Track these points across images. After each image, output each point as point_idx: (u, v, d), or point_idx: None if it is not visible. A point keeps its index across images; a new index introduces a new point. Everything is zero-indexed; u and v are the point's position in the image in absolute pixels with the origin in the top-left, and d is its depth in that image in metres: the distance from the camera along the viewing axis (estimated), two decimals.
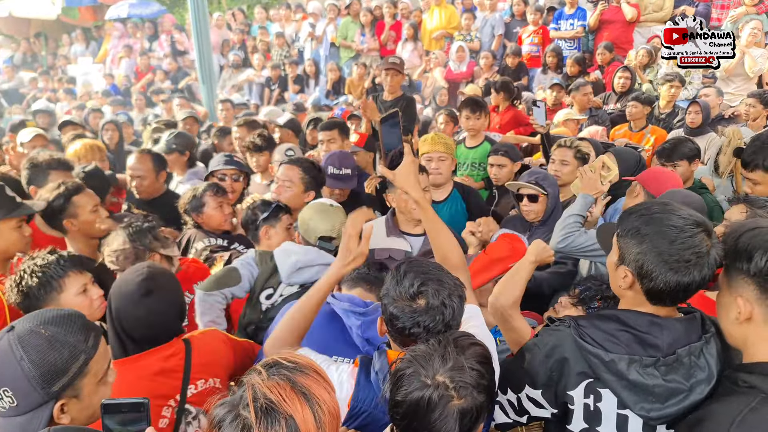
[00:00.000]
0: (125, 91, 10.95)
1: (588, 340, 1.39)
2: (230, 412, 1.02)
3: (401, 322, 1.42)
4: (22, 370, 1.18)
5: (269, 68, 9.83)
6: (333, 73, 9.37)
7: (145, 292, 1.73)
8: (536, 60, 7.93)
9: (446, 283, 1.46)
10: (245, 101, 9.03)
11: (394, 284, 1.46)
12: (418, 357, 1.29)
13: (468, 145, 4.37)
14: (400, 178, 1.67)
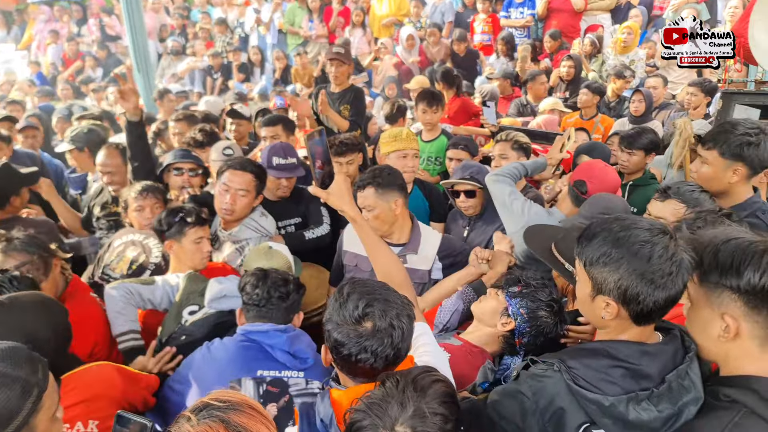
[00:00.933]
0: (52, 80, 10.18)
1: (584, 385, 1.28)
2: None
3: (347, 349, 1.32)
4: None
5: (209, 56, 9.35)
6: (280, 61, 9.02)
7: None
8: (488, 48, 7.88)
9: (393, 302, 1.37)
10: (185, 90, 8.55)
11: (337, 307, 1.37)
12: (373, 405, 1.17)
13: (425, 139, 4.23)
14: (333, 197, 1.69)
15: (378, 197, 2.47)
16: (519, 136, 3.39)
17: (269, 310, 1.97)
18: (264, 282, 1.98)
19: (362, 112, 4.72)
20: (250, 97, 8.59)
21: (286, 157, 3.10)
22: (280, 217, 3.15)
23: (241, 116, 4.45)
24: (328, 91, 4.70)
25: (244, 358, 1.88)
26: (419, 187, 3.35)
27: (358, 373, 1.36)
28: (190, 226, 2.49)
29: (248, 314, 2.00)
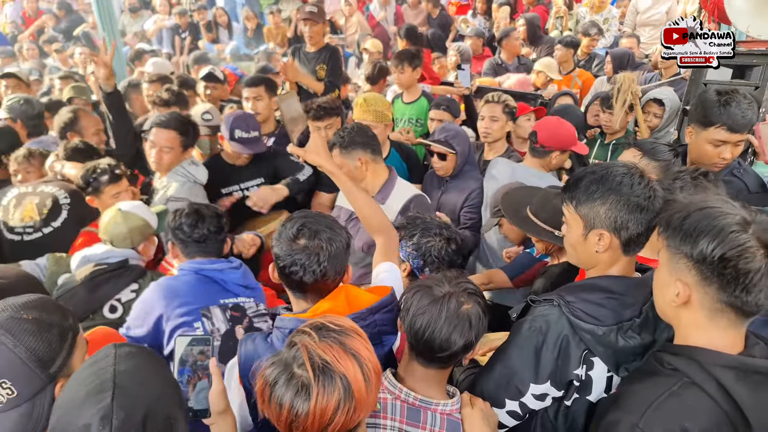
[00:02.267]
0: (12, 40, 9.69)
1: (580, 316, 1.42)
2: (284, 372, 1.12)
3: (282, 261, 1.54)
4: (18, 357, 1.15)
5: (176, 15, 9.00)
6: (251, 21, 8.75)
7: None
8: (465, 8, 7.78)
9: (327, 229, 1.57)
10: (154, 50, 8.25)
11: (281, 229, 1.59)
12: (417, 287, 1.48)
13: (405, 101, 4.20)
14: (310, 154, 1.81)
15: (343, 156, 2.60)
16: (509, 99, 3.40)
17: (208, 245, 2.18)
18: (202, 221, 2.17)
19: (339, 72, 4.66)
20: (222, 57, 8.36)
21: (248, 130, 3.08)
22: (242, 180, 3.21)
23: (216, 80, 4.35)
24: (304, 51, 4.62)
25: (205, 290, 2.10)
26: (396, 149, 3.37)
27: (293, 285, 1.58)
28: (105, 184, 2.71)
29: (187, 250, 2.18)
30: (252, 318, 2.18)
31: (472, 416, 1.44)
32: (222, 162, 3.24)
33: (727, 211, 1.18)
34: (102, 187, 2.70)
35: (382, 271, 1.77)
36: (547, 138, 2.84)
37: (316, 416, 1.08)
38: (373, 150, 2.63)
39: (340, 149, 2.59)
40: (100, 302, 2.24)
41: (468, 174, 3.05)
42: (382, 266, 1.78)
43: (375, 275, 1.78)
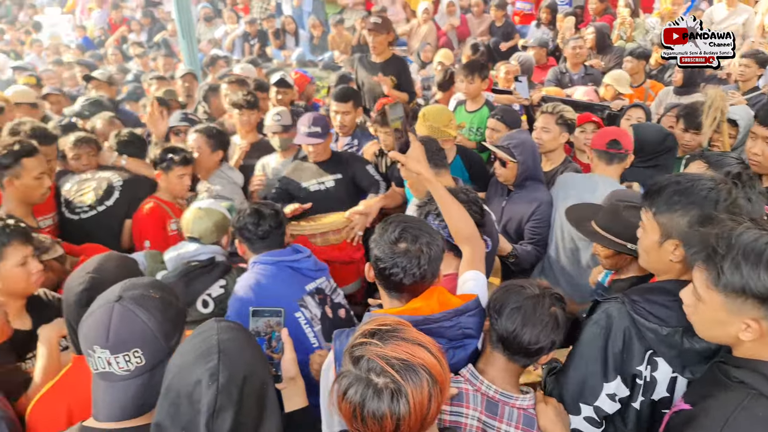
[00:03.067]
0: (99, 45, 10.44)
1: (643, 314, 1.46)
2: (366, 386, 1.10)
3: (383, 263, 1.61)
4: (150, 329, 1.28)
5: (246, 23, 9.43)
6: (316, 29, 9.05)
7: (85, 304, 1.55)
8: (529, 17, 7.76)
9: (425, 233, 1.64)
10: (227, 56, 8.68)
11: (380, 232, 1.66)
12: (510, 286, 1.57)
13: (468, 109, 4.27)
14: (412, 161, 1.86)
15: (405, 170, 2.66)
16: (566, 110, 3.35)
17: (272, 240, 2.37)
18: (263, 219, 2.35)
19: (412, 82, 4.82)
20: (288, 63, 8.70)
21: (309, 126, 3.35)
22: (318, 176, 3.44)
23: (287, 85, 4.57)
24: (368, 59, 4.76)
25: (289, 281, 2.30)
26: (461, 156, 3.43)
27: (390, 286, 1.64)
28: (176, 164, 3.08)
29: (254, 246, 2.38)
30: (330, 296, 2.41)
31: (546, 412, 1.51)
32: (306, 160, 3.54)
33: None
34: (173, 166, 3.08)
35: (468, 279, 1.81)
36: (629, 142, 2.84)
37: (417, 412, 1.09)
38: (435, 164, 2.68)
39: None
40: (193, 296, 2.41)
41: (534, 186, 3.00)
42: (468, 274, 1.83)
43: (461, 283, 1.82)
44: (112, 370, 1.26)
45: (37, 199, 2.76)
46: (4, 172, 2.60)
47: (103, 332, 1.25)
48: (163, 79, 5.76)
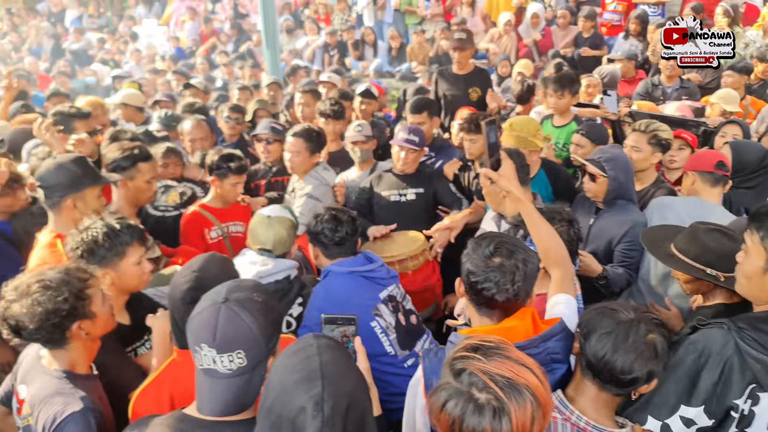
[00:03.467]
0: (191, 55, 11.08)
1: (752, 344, 1.36)
2: (467, 401, 1.09)
3: (475, 276, 1.56)
4: (253, 332, 1.32)
5: (327, 34, 9.68)
6: (395, 40, 9.16)
7: (190, 301, 1.64)
8: (616, 29, 7.45)
9: (521, 249, 1.59)
10: (307, 66, 8.96)
11: (474, 246, 1.62)
12: (602, 309, 1.49)
13: (555, 124, 4.14)
14: (503, 180, 1.81)
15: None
16: (661, 129, 3.16)
17: (347, 247, 2.40)
18: (341, 225, 2.37)
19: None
20: (365, 74, 8.85)
21: (409, 134, 3.42)
22: (399, 187, 3.49)
23: (371, 95, 4.66)
24: (450, 72, 4.75)
25: (362, 289, 2.31)
26: (546, 170, 3.32)
27: (481, 302, 1.59)
28: (231, 172, 3.18)
29: (328, 252, 2.41)
30: (401, 303, 2.41)
31: None
32: (391, 172, 3.59)
33: None
34: (229, 174, 3.17)
35: (559, 302, 1.75)
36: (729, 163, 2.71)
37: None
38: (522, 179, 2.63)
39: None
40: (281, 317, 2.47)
41: (626, 207, 2.85)
42: (558, 297, 1.77)
43: (551, 306, 1.77)
44: (216, 368, 1.31)
45: (144, 201, 2.96)
46: (122, 173, 2.77)
47: (210, 332, 1.30)
48: (246, 88, 6.00)
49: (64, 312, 1.66)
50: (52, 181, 2.43)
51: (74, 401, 1.63)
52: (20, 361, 1.87)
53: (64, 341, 1.72)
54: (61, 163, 2.49)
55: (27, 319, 1.64)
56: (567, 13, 7.62)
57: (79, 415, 1.60)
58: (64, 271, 1.74)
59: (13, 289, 1.69)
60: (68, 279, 1.71)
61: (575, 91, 4.03)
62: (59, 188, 2.43)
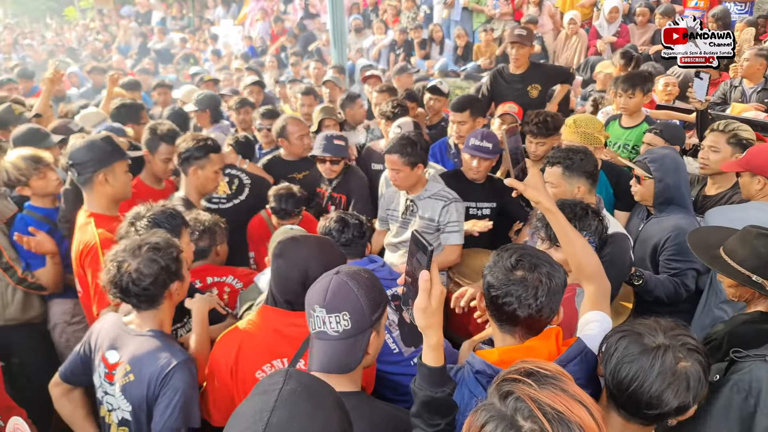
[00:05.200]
0: (261, 54, 11.50)
1: None
2: (509, 427, 1.01)
3: (495, 290, 1.50)
4: (358, 300, 1.50)
5: (397, 32, 9.74)
6: (461, 39, 9.08)
7: (278, 253, 1.91)
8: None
9: (545, 263, 1.51)
10: (372, 65, 9.06)
11: (495, 259, 1.56)
12: (626, 331, 1.36)
13: (623, 124, 3.97)
14: (531, 190, 1.71)
15: (564, 178, 2.56)
16: (741, 128, 2.97)
17: (354, 249, 2.47)
18: (348, 227, 2.46)
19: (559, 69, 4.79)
20: (430, 73, 8.83)
21: (482, 140, 3.25)
22: (475, 199, 3.30)
23: (440, 93, 4.64)
24: (506, 72, 4.66)
25: None
26: (606, 173, 3.21)
27: (502, 318, 1.52)
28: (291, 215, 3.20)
29: None
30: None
31: None
32: (463, 178, 3.37)
33: None
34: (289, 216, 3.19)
35: (592, 320, 1.65)
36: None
37: None
38: (593, 182, 2.59)
39: (564, 170, 2.56)
40: None
41: (675, 211, 2.71)
42: (591, 315, 1.67)
43: (583, 324, 1.68)
44: (326, 330, 1.49)
45: (210, 190, 3.12)
46: (194, 162, 2.95)
47: (322, 295, 1.50)
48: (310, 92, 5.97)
49: (172, 269, 1.91)
50: (84, 158, 2.59)
51: (176, 353, 1.86)
52: (95, 333, 2.04)
53: (160, 300, 1.93)
54: (90, 140, 2.66)
55: (144, 274, 1.84)
56: (646, 10, 7.25)
57: (183, 364, 1.84)
58: (164, 236, 1.96)
59: (122, 251, 1.88)
60: (171, 242, 1.95)
61: (647, 90, 3.84)
62: (90, 164, 2.59)
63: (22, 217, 2.95)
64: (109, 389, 1.94)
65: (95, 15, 18.67)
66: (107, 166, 2.62)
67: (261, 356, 1.87)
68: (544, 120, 3.38)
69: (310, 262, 1.86)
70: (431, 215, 3.00)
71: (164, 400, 1.81)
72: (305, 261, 1.87)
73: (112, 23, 17.05)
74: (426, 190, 3.07)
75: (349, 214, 2.55)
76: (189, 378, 1.84)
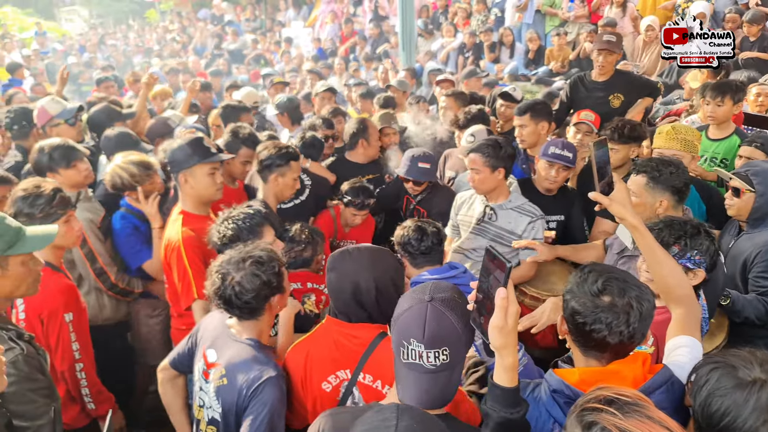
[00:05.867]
0: (331, 54, 11.68)
1: None
2: None
3: (582, 317, 1.43)
4: (458, 332, 1.39)
5: (466, 35, 9.64)
6: (533, 42, 8.87)
7: (330, 267, 1.91)
8: None
9: (633, 285, 1.44)
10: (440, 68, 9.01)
11: (578, 281, 1.49)
12: (718, 363, 1.29)
13: (711, 136, 3.74)
14: (616, 206, 1.62)
15: (646, 189, 2.45)
16: None
17: (433, 257, 2.47)
18: (426, 235, 2.45)
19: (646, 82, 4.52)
20: (499, 77, 8.68)
21: (563, 149, 3.15)
22: (544, 210, 3.18)
23: (512, 99, 4.55)
24: (588, 79, 4.48)
25: None
26: (697, 188, 3.03)
27: (590, 344, 1.45)
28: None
29: (416, 261, 2.49)
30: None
31: None
32: (533, 189, 3.27)
33: None
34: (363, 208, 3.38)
35: (680, 345, 1.58)
36: None
37: None
38: (680, 199, 2.45)
39: (648, 181, 2.44)
40: None
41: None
42: (680, 340, 1.59)
43: (671, 348, 1.61)
44: (422, 363, 1.37)
45: (288, 196, 3.17)
46: (275, 170, 2.99)
47: (420, 329, 1.37)
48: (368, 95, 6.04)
49: (273, 284, 1.92)
50: (170, 159, 2.73)
51: (270, 368, 1.87)
52: (203, 328, 2.12)
53: (261, 312, 1.96)
54: (178, 143, 2.77)
55: (247, 288, 1.87)
56: (737, 16, 6.78)
57: (274, 380, 1.84)
58: (267, 249, 1.98)
59: (227, 262, 1.92)
60: (273, 256, 1.96)
61: (738, 99, 3.59)
62: (175, 165, 2.71)
63: (124, 215, 3.10)
64: (204, 386, 1.99)
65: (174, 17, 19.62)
66: (186, 168, 2.70)
67: (326, 367, 1.87)
68: (622, 126, 3.26)
69: (360, 275, 1.83)
70: (513, 228, 2.92)
71: (252, 413, 1.82)
72: (355, 274, 1.84)
73: (190, 25, 17.86)
74: (510, 201, 2.99)
75: (425, 221, 2.53)
76: (278, 393, 1.83)
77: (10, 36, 16.40)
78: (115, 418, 2.46)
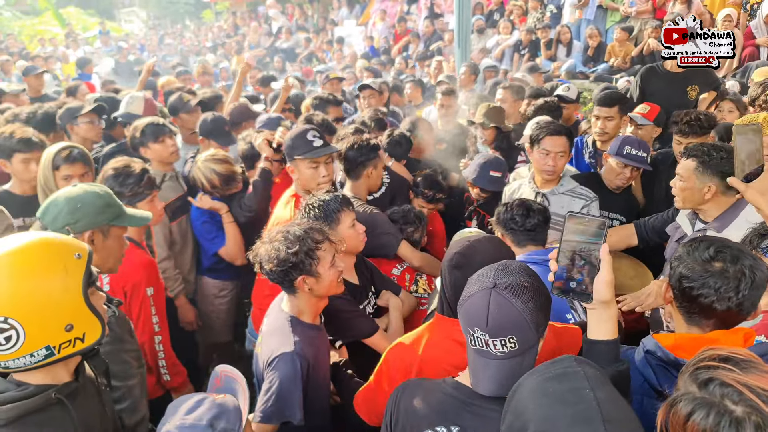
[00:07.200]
0: (384, 52, 11.71)
1: None
2: (720, 414, 0.99)
3: (689, 282, 1.42)
4: (524, 318, 1.31)
5: (523, 32, 9.47)
6: (593, 39, 8.63)
7: (455, 265, 1.73)
8: None
9: (747, 255, 1.42)
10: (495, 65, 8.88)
11: (689, 250, 1.47)
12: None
13: None
14: (751, 192, 1.60)
15: (695, 173, 2.36)
16: None
17: (538, 235, 2.31)
18: (533, 212, 2.30)
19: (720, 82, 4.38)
20: (556, 74, 8.49)
21: (639, 149, 3.05)
22: (608, 208, 3.14)
23: (565, 100, 4.48)
24: (663, 70, 4.33)
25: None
26: None
27: (695, 310, 1.43)
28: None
29: (518, 239, 2.33)
30: None
31: None
32: (600, 183, 3.19)
33: None
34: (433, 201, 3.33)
35: None
36: None
37: None
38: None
39: (698, 165, 2.33)
40: None
41: None
42: None
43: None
44: (489, 350, 1.33)
45: (376, 189, 3.19)
46: (369, 164, 2.95)
47: (483, 318, 1.32)
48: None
49: (290, 264, 1.89)
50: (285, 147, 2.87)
51: (288, 343, 1.87)
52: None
53: (292, 289, 1.96)
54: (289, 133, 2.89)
55: (265, 261, 1.93)
56: None
57: (288, 356, 1.84)
58: (306, 229, 1.96)
59: (269, 231, 2.00)
60: (305, 237, 1.93)
61: None
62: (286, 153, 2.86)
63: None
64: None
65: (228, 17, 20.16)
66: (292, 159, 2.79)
67: (443, 368, 1.71)
68: (696, 118, 3.13)
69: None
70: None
71: (265, 384, 1.85)
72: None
73: (244, 24, 18.30)
74: (561, 185, 2.91)
75: (530, 200, 2.43)
76: (290, 371, 1.81)
77: (75, 35, 17.26)
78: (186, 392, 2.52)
